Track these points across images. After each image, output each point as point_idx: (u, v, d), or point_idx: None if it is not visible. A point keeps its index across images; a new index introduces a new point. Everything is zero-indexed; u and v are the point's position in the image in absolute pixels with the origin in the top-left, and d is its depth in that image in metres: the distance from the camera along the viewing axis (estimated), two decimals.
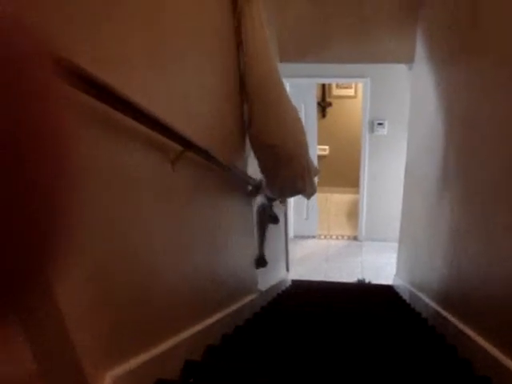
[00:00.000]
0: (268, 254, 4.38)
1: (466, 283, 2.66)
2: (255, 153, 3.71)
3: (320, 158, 7.85)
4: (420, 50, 4.44)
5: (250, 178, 3.68)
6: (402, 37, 4.66)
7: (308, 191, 4.30)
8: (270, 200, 4.55)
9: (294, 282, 6.30)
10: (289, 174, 3.94)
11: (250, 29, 3.42)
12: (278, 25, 4.55)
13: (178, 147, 1.91)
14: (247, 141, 3.66)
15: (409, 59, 4.75)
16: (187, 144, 1.93)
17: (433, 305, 3.38)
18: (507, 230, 2.01)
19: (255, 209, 4.09)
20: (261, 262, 4.23)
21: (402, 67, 5.23)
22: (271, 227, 4.72)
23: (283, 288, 5.60)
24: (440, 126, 3.50)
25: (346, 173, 8.67)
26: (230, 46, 3.21)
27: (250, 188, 3.82)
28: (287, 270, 6.56)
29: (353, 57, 4.91)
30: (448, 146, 3.29)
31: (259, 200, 4.24)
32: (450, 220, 3.11)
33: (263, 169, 3.85)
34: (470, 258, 2.60)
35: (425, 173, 4.07)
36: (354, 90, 8.34)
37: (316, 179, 4.55)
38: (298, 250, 7.53)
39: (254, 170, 3.82)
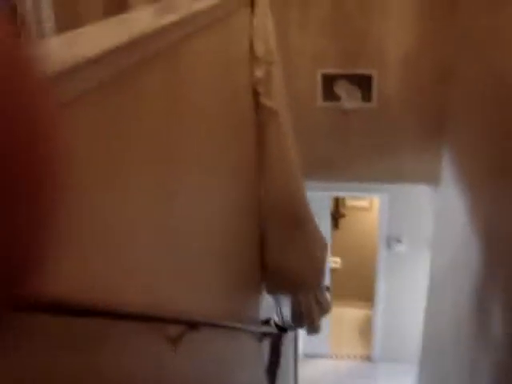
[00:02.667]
0: None
1: None
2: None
3: (332, 270, 7.50)
4: (446, 172, 4.26)
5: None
6: (426, 158, 4.49)
7: (309, 327, 3.98)
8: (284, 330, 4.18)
9: None
10: (296, 300, 3.69)
11: (273, 143, 3.24)
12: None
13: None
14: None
15: (433, 181, 4.54)
16: (193, 325, 1.63)
17: None
18: None
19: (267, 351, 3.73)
20: None
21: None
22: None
23: None
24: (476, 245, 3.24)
25: (358, 287, 8.26)
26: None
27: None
28: None
29: (375, 177, 4.71)
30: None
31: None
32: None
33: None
34: None
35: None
36: (369, 202, 8.11)
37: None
38: (306, 371, 7.00)
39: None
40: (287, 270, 3.47)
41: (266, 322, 3.99)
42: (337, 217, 8.22)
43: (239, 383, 2.89)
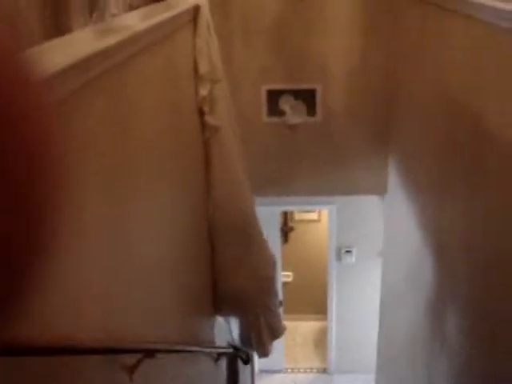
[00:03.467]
0: None
1: None
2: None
3: (284, 284, 7.48)
4: (393, 181, 4.33)
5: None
6: (373, 169, 4.55)
7: (258, 351, 3.90)
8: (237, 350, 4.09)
9: None
10: (245, 323, 3.62)
11: (217, 161, 3.21)
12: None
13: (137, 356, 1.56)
14: None
15: (381, 190, 4.61)
16: (149, 352, 1.58)
17: None
18: None
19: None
20: None
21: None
22: None
23: None
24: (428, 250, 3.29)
25: (311, 299, 8.28)
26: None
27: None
28: None
29: (323, 190, 4.75)
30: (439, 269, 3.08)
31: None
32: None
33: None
34: None
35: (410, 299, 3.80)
36: (318, 214, 8.16)
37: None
38: None
39: None
40: (235, 290, 3.41)
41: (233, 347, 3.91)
42: (286, 230, 8.22)
43: None
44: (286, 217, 8.22)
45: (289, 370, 7.49)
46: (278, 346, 7.42)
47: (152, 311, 2.03)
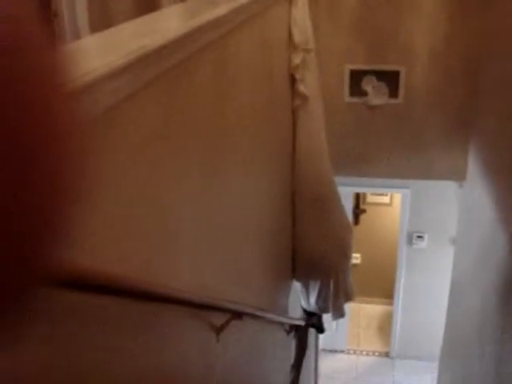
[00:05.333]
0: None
1: None
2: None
3: (352, 266, 7.48)
4: (473, 167, 4.24)
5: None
6: (452, 154, 4.48)
7: (334, 312, 4.00)
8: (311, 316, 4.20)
9: None
10: (323, 285, 3.70)
11: (304, 129, 3.32)
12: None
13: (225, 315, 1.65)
14: None
15: (459, 176, 4.53)
16: (237, 314, 1.66)
17: None
18: None
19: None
20: None
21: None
22: None
23: None
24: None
25: (378, 283, 8.26)
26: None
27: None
28: None
29: (399, 174, 4.70)
30: None
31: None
32: None
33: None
34: None
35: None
36: (390, 198, 8.09)
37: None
38: (324, 366, 7.02)
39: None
40: (315, 252, 3.52)
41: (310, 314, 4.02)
42: (357, 213, 8.20)
43: (269, 372, 2.92)
44: (357, 199, 8.19)
45: (351, 352, 7.53)
46: (341, 326, 7.51)
47: (239, 274, 2.12)
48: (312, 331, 4.59)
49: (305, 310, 4.09)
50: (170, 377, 1.44)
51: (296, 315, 3.95)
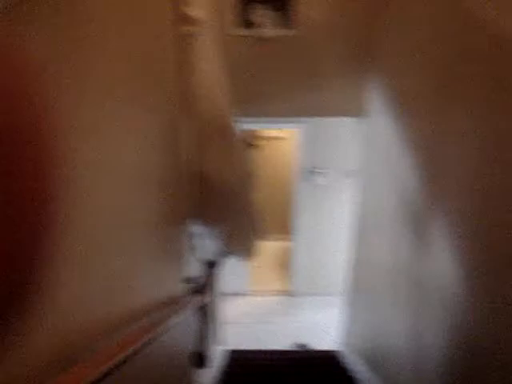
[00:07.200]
0: None
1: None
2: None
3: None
4: (376, 102, 3.90)
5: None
6: (351, 91, 4.10)
7: (246, 252, 3.70)
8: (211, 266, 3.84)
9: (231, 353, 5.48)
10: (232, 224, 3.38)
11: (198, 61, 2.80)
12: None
13: None
14: None
15: (359, 112, 4.18)
16: None
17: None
18: None
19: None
20: (199, 360, 3.50)
21: None
22: None
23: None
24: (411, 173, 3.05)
25: (277, 219, 8.03)
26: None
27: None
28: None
29: (295, 112, 4.26)
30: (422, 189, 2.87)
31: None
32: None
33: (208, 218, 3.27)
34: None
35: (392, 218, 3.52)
36: (285, 132, 7.75)
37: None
38: (228, 311, 6.74)
39: None
40: (222, 186, 3.13)
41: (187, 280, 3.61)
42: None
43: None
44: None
45: (253, 293, 7.31)
46: (242, 268, 7.21)
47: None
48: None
49: (208, 262, 3.75)
50: None
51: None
